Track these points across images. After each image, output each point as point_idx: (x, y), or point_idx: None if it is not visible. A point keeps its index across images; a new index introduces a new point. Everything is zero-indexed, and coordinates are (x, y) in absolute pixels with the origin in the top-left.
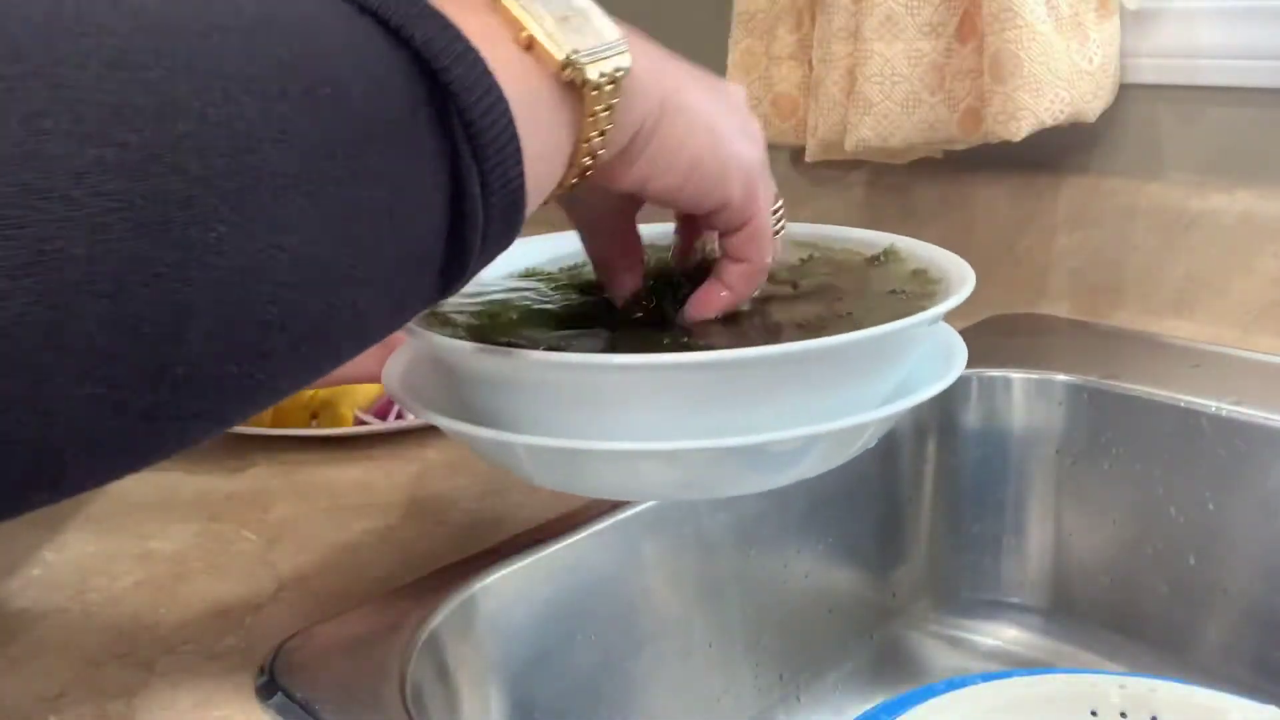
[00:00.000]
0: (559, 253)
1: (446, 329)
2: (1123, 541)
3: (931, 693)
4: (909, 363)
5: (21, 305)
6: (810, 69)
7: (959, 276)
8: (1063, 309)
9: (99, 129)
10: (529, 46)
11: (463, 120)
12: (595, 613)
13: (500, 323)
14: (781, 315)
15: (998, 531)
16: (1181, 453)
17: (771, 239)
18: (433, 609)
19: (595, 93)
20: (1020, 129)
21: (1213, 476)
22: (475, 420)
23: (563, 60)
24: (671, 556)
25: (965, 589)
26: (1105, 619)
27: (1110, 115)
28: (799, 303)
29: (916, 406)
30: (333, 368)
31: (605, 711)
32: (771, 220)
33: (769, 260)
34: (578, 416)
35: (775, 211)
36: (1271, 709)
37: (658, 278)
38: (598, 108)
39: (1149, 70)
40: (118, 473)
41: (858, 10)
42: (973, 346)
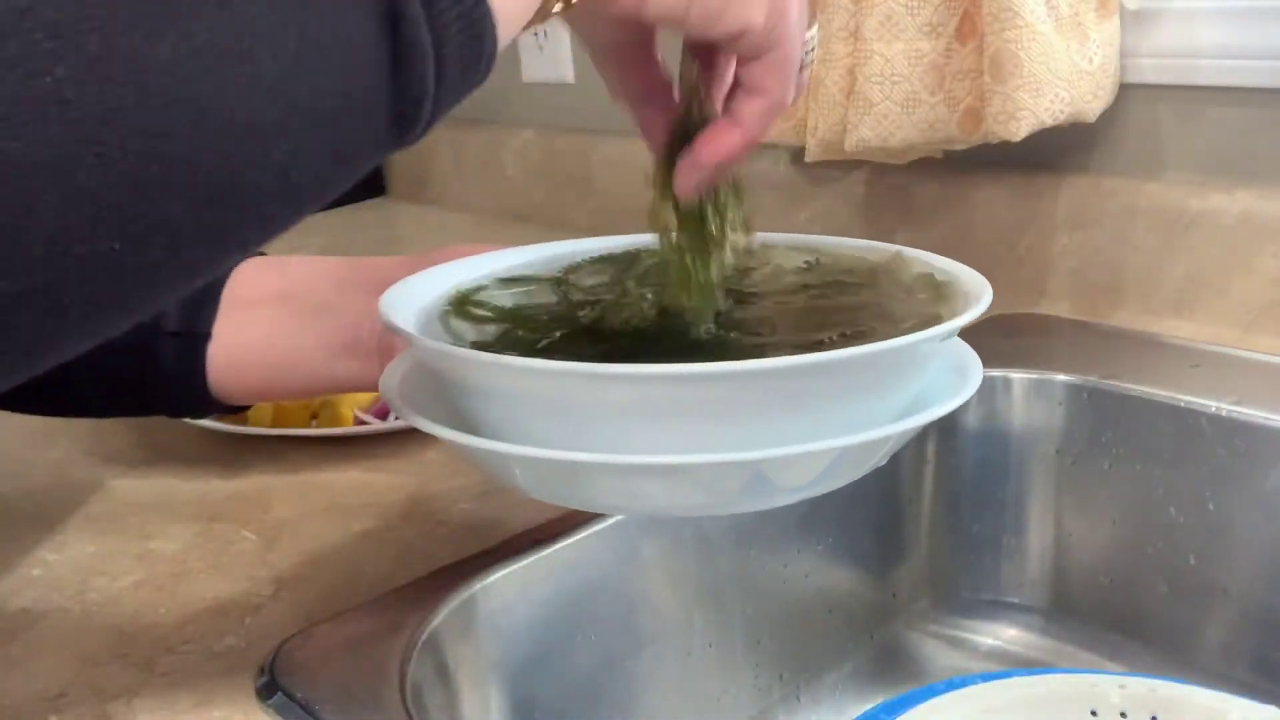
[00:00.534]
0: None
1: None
2: (1123, 541)
3: (932, 693)
4: (923, 378)
5: None
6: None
7: (974, 289)
8: (1063, 309)
9: None
10: None
11: None
12: (595, 613)
13: (522, 329)
14: (792, 325)
15: (998, 531)
16: (1181, 453)
17: (796, 71)
18: (433, 609)
19: None
20: (1020, 129)
21: (1213, 476)
22: (476, 431)
23: None
24: (671, 556)
25: (965, 589)
26: (1105, 619)
27: (1110, 115)
28: (809, 313)
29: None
30: (266, 237)
31: (605, 711)
32: (801, 52)
33: (790, 98)
34: (578, 427)
35: (805, 43)
36: (1271, 709)
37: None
38: None
39: (1149, 70)
40: None
41: (858, 10)
42: (973, 346)
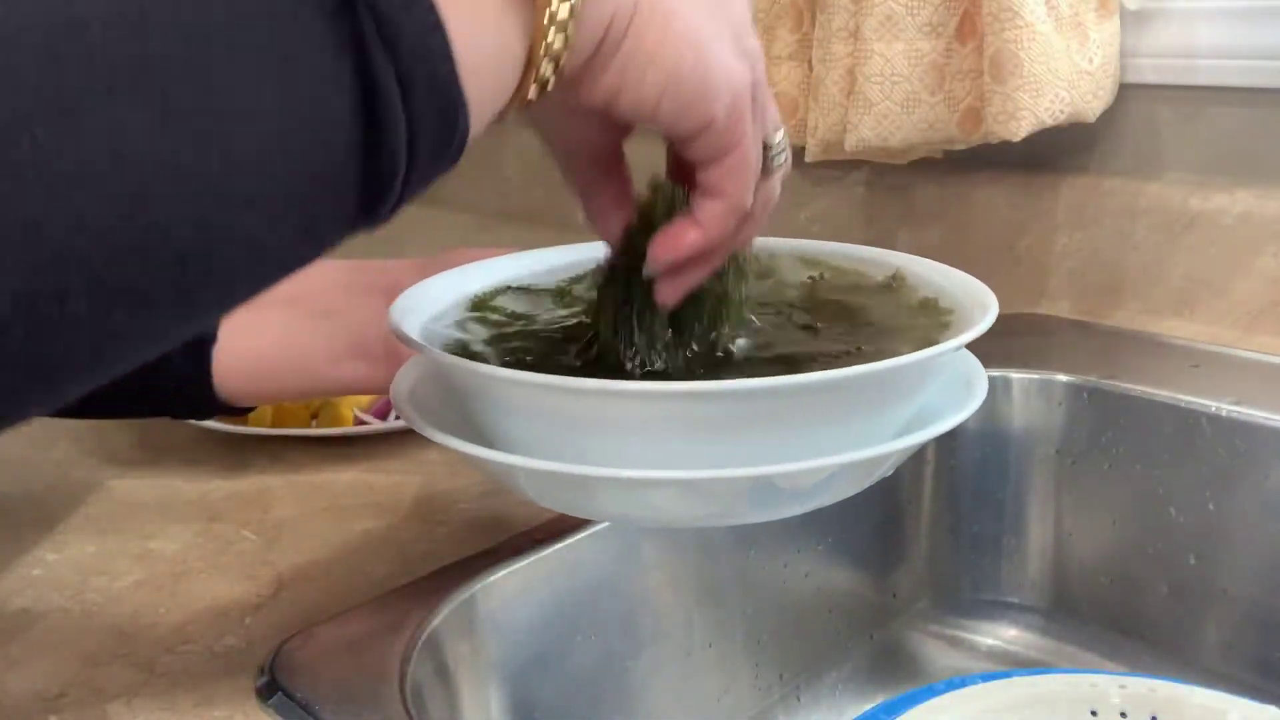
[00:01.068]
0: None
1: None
2: (1123, 541)
3: (931, 693)
4: (928, 391)
5: None
6: (810, 69)
7: (978, 303)
8: (1063, 309)
9: None
10: None
11: (366, 2)
12: (595, 613)
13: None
14: (795, 342)
15: (998, 531)
16: (1181, 453)
17: (755, 176)
18: (433, 609)
19: None
20: (1020, 129)
21: (1213, 476)
22: (483, 438)
23: None
24: (671, 556)
25: (965, 589)
26: (1105, 619)
27: (1110, 115)
28: (812, 328)
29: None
30: (231, 306)
31: (605, 711)
32: (767, 155)
33: (749, 202)
34: (587, 441)
35: (772, 148)
36: (1271, 709)
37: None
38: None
39: (1149, 70)
40: None
41: (858, 10)
42: (973, 346)
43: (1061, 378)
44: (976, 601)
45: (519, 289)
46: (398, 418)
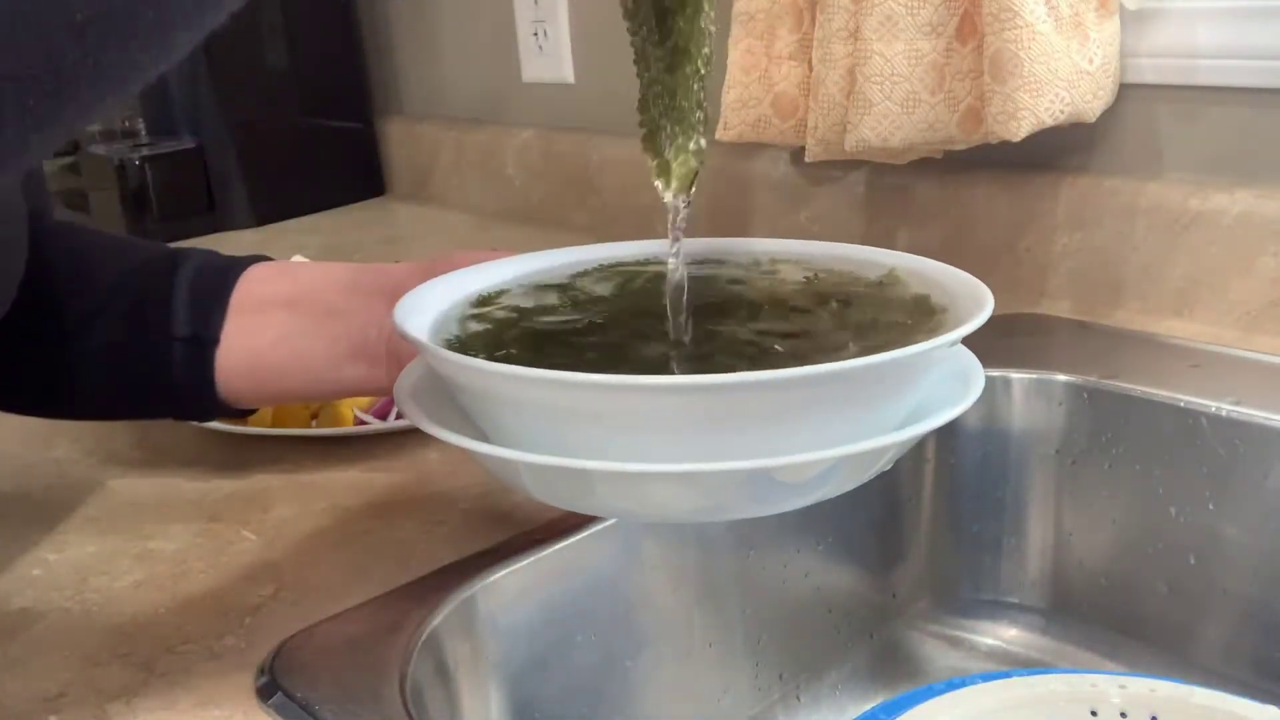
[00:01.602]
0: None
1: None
2: (1123, 541)
3: (931, 693)
4: (926, 386)
5: None
6: (810, 69)
7: (974, 298)
8: (1063, 309)
9: None
10: None
11: None
12: (595, 613)
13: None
14: (792, 336)
15: (997, 531)
16: (1181, 453)
17: None
18: (433, 609)
19: None
20: (1020, 129)
21: (1213, 476)
22: (485, 436)
23: None
24: (671, 556)
25: (965, 589)
26: (1105, 619)
27: (1110, 115)
28: (810, 325)
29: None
30: (133, 85)
31: (605, 711)
32: None
33: None
34: (588, 435)
35: None
36: (1271, 709)
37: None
38: None
39: (1149, 70)
40: None
41: (858, 10)
42: (972, 346)
43: (1061, 377)
44: (976, 601)
45: (521, 290)
46: (398, 418)
